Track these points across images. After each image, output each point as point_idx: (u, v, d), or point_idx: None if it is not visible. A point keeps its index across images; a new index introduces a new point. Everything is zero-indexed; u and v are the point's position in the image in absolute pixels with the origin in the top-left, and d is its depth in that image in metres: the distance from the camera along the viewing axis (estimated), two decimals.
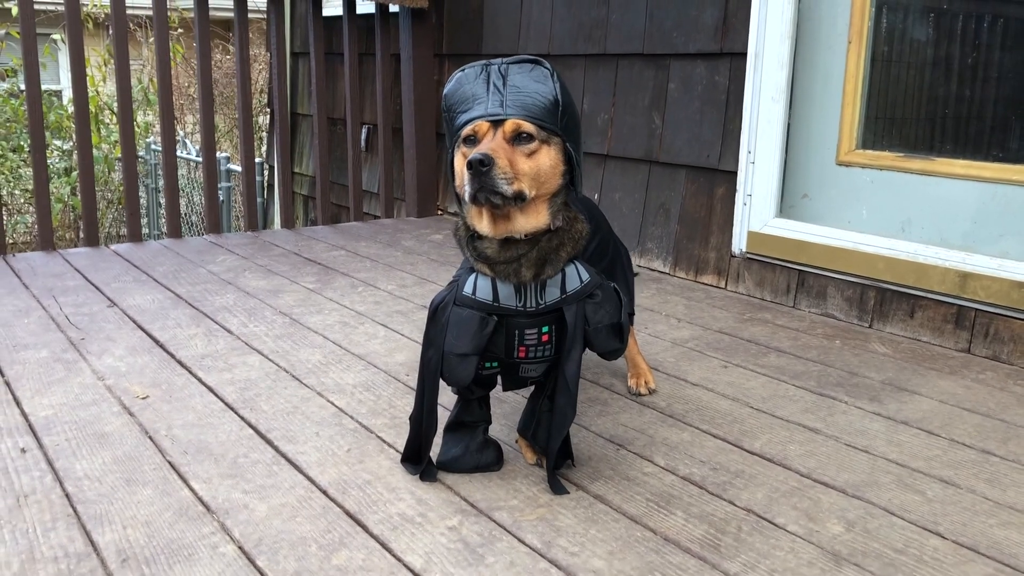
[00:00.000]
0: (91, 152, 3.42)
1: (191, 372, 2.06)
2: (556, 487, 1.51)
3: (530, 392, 1.63)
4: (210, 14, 3.64)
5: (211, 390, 1.95)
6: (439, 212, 4.21)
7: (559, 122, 1.39)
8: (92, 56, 7.33)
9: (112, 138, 7.33)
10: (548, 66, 1.42)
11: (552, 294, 1.45)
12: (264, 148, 6.66)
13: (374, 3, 3.96)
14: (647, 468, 1.61)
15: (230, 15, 3.82)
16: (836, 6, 2.60)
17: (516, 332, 1.46)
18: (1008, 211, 2.29)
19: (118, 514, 1.42)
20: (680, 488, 1.54)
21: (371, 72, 4.34)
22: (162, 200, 6.66)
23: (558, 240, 1.45)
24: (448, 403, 1.62)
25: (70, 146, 7.53)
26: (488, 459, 1.58)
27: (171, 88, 3.58)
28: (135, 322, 2.42)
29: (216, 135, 4.86)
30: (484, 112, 1.38)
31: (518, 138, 1.37)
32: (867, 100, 2.60)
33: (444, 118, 1.46)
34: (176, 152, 3.78)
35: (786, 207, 2.77)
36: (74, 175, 7.10)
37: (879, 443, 1.73)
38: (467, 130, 1.39)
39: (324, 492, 1.50)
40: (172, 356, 2.16)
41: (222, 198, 6.16)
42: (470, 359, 1.45)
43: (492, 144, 1.35)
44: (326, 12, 4.11)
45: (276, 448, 1.67)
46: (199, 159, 6.01)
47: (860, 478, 1.58)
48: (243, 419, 1.80)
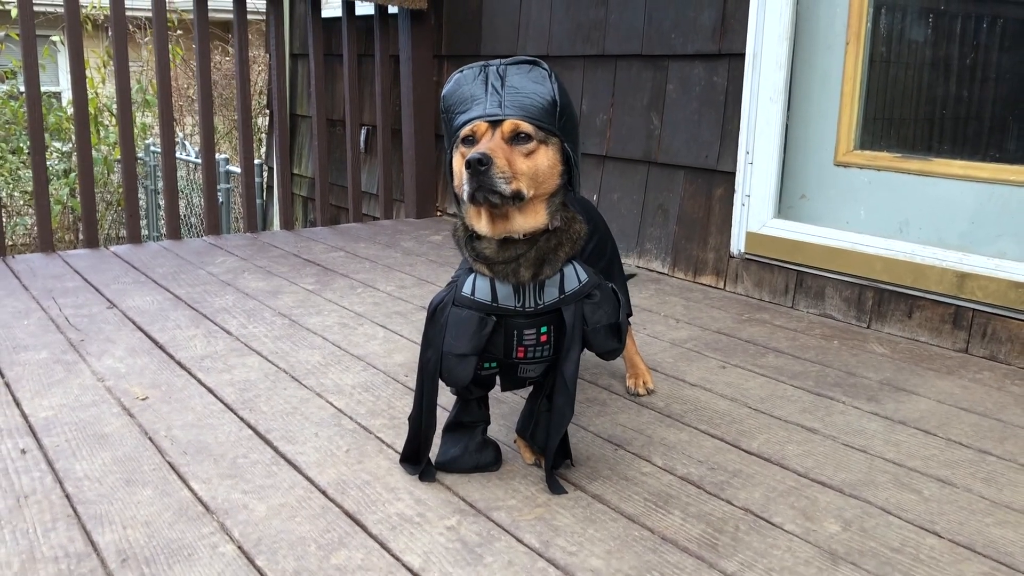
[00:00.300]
0: (90, 154, 3.43)
1: (191, 373, 2.06)
2: (554, 487, 1.52)
3: (528, 392, 1.64)
4: (209, 15, 3.64)
5: (211, 391, 1.95)
6: (438, 213, 4.21)
7: (557, 123, 1.40)
8: (91, 58, 7.34)
9: (111, 140, 7.33)
10: (546, 67, 1.42)
11: (550, 294, 1.46)
12: (263, 149, 6.67)
13: (373, 4, 3.97)
14: (645, 468, 1.61)
15: (229, 16, 3.83)
16: (834, 7, 2.61)
17: (515, 332, 1.46)
18: (1005, 211, 2.30)
19: (118, 514, 1.42)
20: (678, 488, 1.54)
21: (370, 73, 4.34)
22: (161, 202, 6.67)
23: (556, 240, 1.45)
24: (447, 404, 1.63)
25: (69, 148, 7.54)
26: (487, 459, 1.59)
27: (170, 89, 3.59)
28: (135, 323, 2.42)
29: (215, 136, 4.87)
30: (483, 113, 1.39)
31: (516, 138, 1.38)
32: (865, 101, 2.60)
33: (443, 119, 1.47)
34: (175, 154, 3.79)
35: (784, 208, 2.78)
36: (73, 177, 7.10)
37: (876, 443, 1.73)
38: (466, 130, 1.39)
39: (323, 492, 1.51)
40: (172, 357, 2.16)
41: (221, 199, 6.17)
42: (469, 359, 1.45)
43: (490, 144, 1.35)
44: (325, 13, 4.11)
45: (275, 448, 1.67)
46: (198, 161, 6.02)
47: (857, 477, 1.59)
48: (242, 420, 1.80)
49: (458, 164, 1.40)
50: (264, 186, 5.86)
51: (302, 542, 1.35)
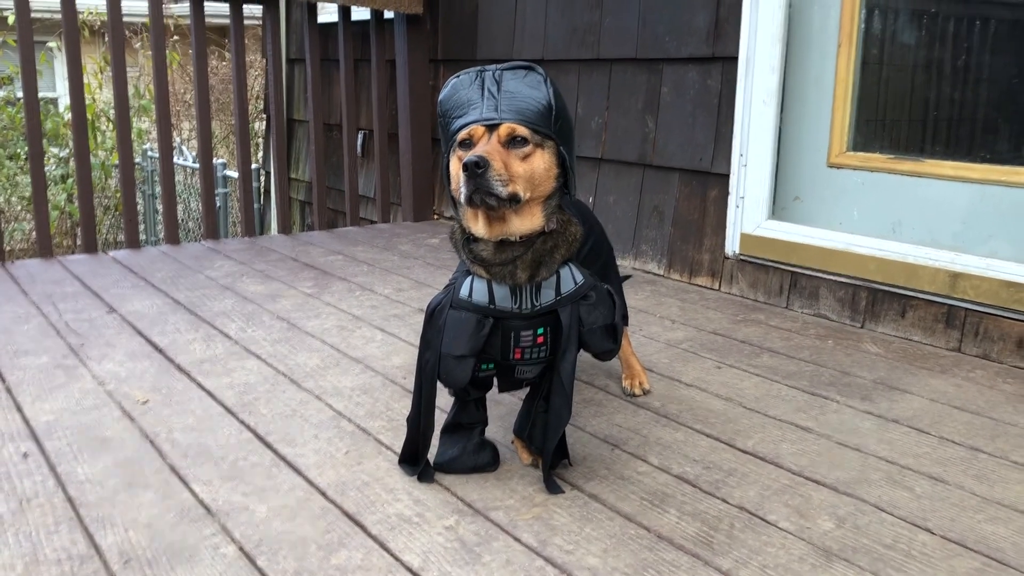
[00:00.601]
0: (88, 159, 3.44)
1: (190, 377, 2.07)
2: (551, 487, 1.53)
3: (526, 393, 1.65)
4: (206, 21, 3.66)
5: (210, 394, 1.97)
6: (435, 216, 4.23)
7: (552, 126, 1.42)
8: (88, 63, 7.35)
9: (108, 145, 7.34)
10: (541, 71, 1.44)
11: (547, 296, 1.47)
12: (260, 154, 6.68)
13: (369, 9, 3.98)
14: (641, 467, 1.63)
15: (226, 22, 3.85)
16: (826, 10, 2.63)
17: (512, 334, 1.48)
18: (997, 212, 2.32)
19: (120, 517, 1.43)
20: (674, 487, 1.56)
21: (367, 78, 4.36)
22: (159, 206, 6.66)
23: (552, 242, 1.47)
24: (445, 405, 1.64)
25: (67, 153, 7.54)
26: (485, 460, 1.60)
27: (168, 95, 3.60)
28: (134, 328, 2.44)
29: (213, 141, 4.87)
30: (479, 117, 1.40)
31: (512, 141, 1.39)
32: (857, 103, 2.62)
33: (440, 123, 1.49)
34: (173, 158, 3.80)
35: (778, 209, 2.80)
36: (71, 182, 7.10)
37: (870, 441, 1.75)
38: (462, 134, 1.41)
39: (323, 493, 1.52)
40: (171, 361, 2.18)
41: (219, 204, 6.18)
42: (467, 360, 1.47)
43: (487, 147, 1.37)
44: (321, 19, 4.13)
45: (275, 451, 1.69)
46: (195, 165, 6.02)
47: (851, 475, 1.60)
48: (242, 422, 1.82)
49: (455, 167, 1.42)
50: (261, 190, 5.87)
51: (303, 543, 1.37)
